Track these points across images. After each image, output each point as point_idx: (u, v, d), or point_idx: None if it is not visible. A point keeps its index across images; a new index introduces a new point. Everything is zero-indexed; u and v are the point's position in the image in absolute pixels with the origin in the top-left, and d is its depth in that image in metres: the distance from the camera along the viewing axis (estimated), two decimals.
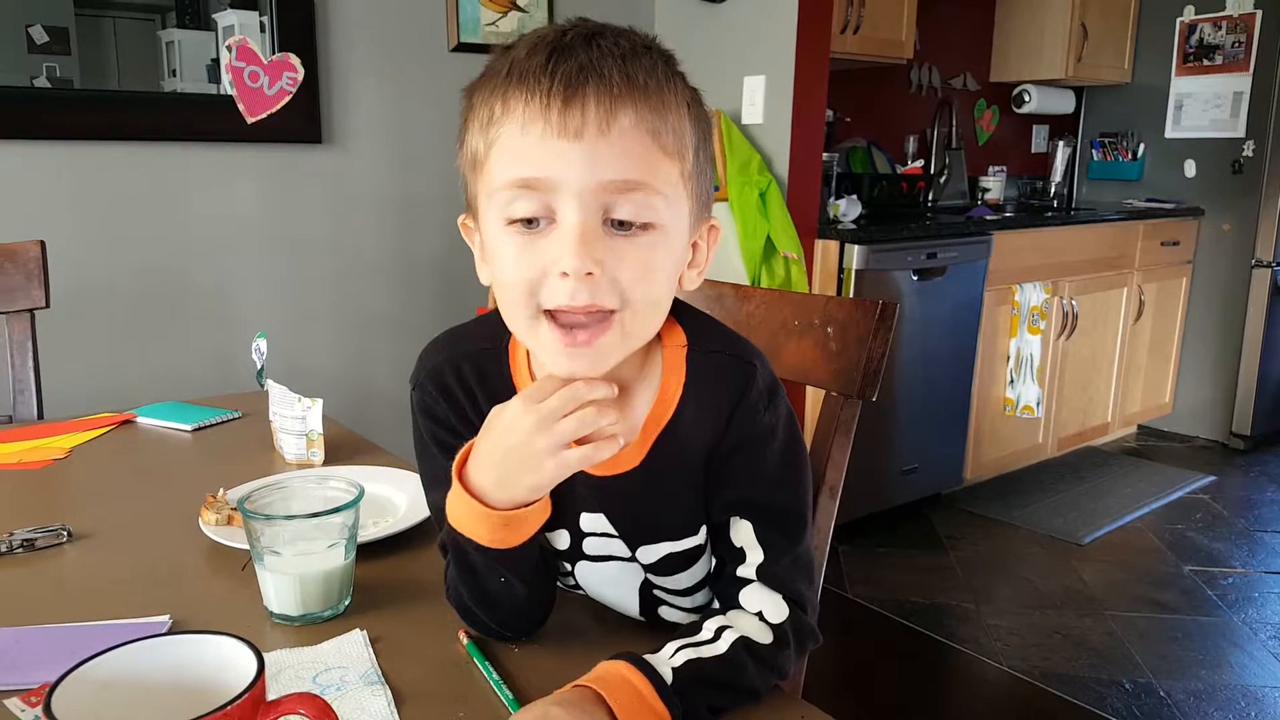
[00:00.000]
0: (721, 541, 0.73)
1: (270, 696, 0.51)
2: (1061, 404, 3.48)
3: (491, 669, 0.68)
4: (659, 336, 0.71)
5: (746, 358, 0.71)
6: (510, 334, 0.72)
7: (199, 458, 1.23)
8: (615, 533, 0.74)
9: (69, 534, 0.94)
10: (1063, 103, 4.05)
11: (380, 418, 2.55)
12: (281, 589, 0.76)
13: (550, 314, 0.63)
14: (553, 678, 0.65)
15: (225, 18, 2.24)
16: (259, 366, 1.30)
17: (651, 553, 0.74)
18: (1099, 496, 3.27)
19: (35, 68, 2.03)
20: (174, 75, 2.21)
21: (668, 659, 0.65)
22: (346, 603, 0.78)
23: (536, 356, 0.71)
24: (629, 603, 0.78)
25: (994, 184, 3.86)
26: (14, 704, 0.64)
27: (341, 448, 1.22)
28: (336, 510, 0.76)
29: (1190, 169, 3.90)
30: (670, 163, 0.63)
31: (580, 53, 0.61)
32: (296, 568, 0.75)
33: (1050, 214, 3.54)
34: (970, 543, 2.90)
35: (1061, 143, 4.10)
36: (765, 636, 0.68)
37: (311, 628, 0.76)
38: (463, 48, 2.54)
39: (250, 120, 2.25)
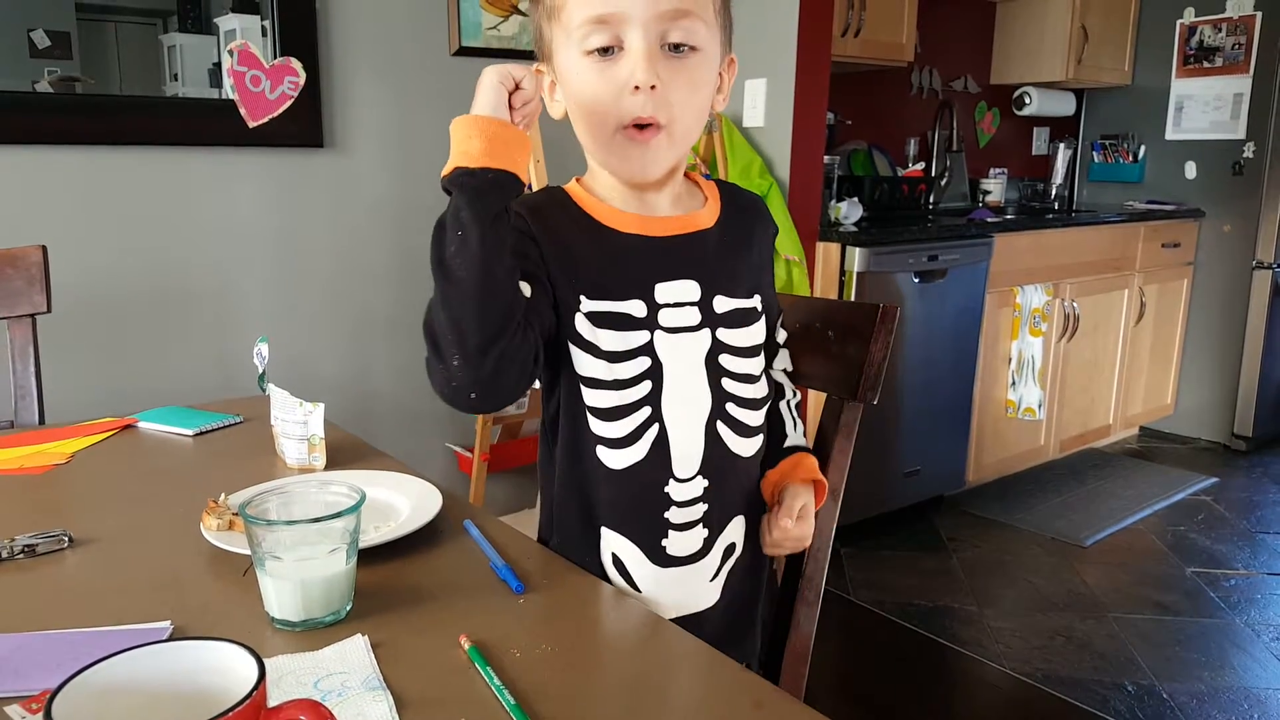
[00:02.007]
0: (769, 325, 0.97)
1: (271, 703, 0.51)
2: (1063, 406, 3.48)
3: (493, 675, 0.68)
4: (691, 176, 0.96)
5: (752, 194, 1.03)
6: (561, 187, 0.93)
7: (200, 463, 1.23)
8: (691, 299, 0.89)
9: (70, 540, 0.94)
10: (1063, 105, 4.05)
11: (382, 421, 2.55)
12: (283, 594, 0.75)
13: (624, 130, 0.83)
14: (556, 685, 0.65)
15: (227, 22, 2.24)
16: (260, 371, 1.30)
17: (723, 303, 0.91)
18: (1101, 498, 3.27)
19: (37, 72, 2.04)
20: (175, 79, 2.21)
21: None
22: (348, 608, 0.78)
23: (606, 164, 0.89)
24: (698, 370, 0.90)
25: (995, 186, 3.85)
26: (15, 710, 0.64)
27: (343, 452, 1.22)
28: (338, 515, 0.76)
29: (1191, 170, 3.90)
30: (711, 2, 0.84)
31: None
32: (298, 573, 0.75)
33: (1051, 216, 3.54)
34: (972, 545, 2.90)
35: (1062, 145, 4.10)
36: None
37: (313, 633, 0.75)
38: (464, 52, 2.55)
39: (252, 124, 2.25)
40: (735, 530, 0.94)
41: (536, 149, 2.21)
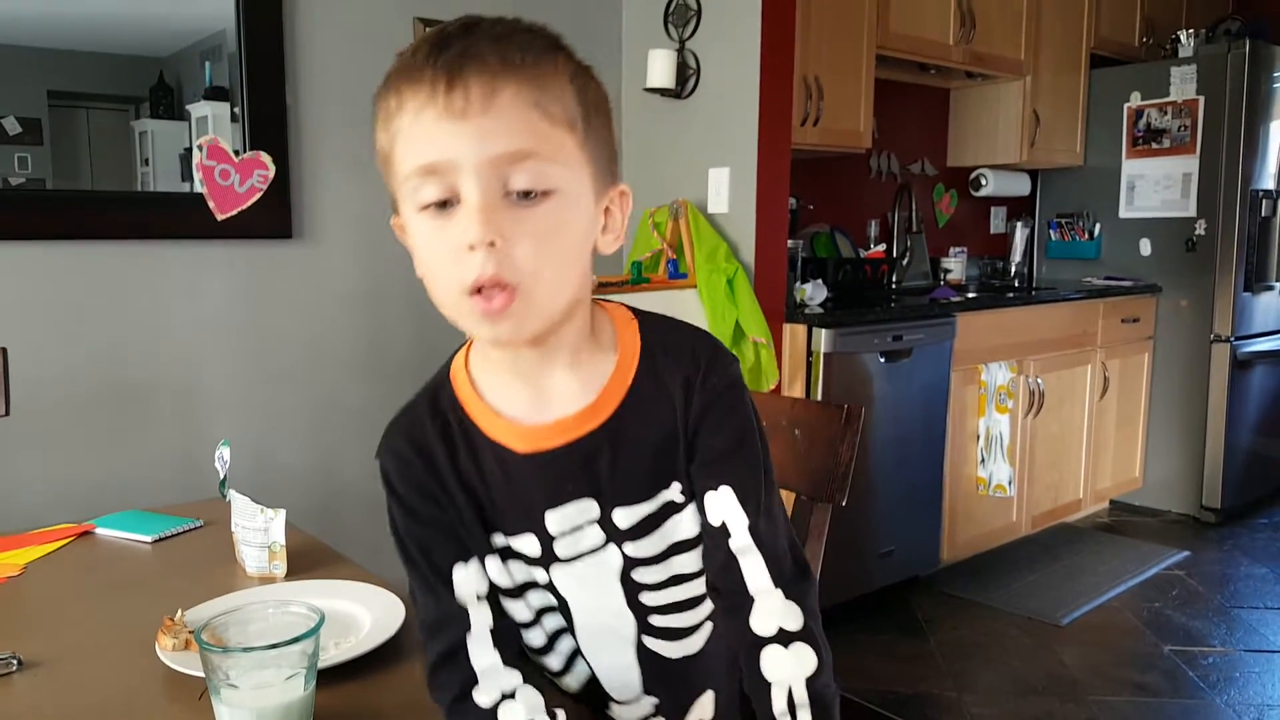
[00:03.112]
0: (704, 524, 0.77)
1: None
2: (1033, 482, 3.50)
3: None
4: (611, 317, 0.79)
5: (697, 330, 0.80)
6: (448, 368, 0.80)
7: (159, 572, 1.20)
8: (590, 518, 0.76)
9: (19, 663, 0.91)
10: (1018, 185, 4.16)
11: (349, 513, 2.51)
12: None
13: (472, 292, 0.68)
14: None
15: (199, 109, 2.26)
16: (222, 476, 1.28)
17: (625, 516, 0.76)
18: (1075, 575, 3.26)
19: (7, 159, 2.04)
20: (146, 165, 2.22)
21: None
22: None
23: (469, 333, 0.75)
24: (613, 594, 0.78)
25: (956, 265, 3.93)
26: None
27: (305, 558, 1.19)
28: (295, 640, 0.74)
29: (1146, 247, 4.00)
30: (560, 131, 0.68)
31: (459, 41, 0.66)
32: (254, 701, 0.73)
33: (1012, 294, 3.61)
34: (950, 627, 2.87)
35: (1020, 223, 4.20)
36: (795, 622, 0.75)
37: None
38: None
39: (220, 217, 2.26)
40: (704, 706, 0.85)
41: None
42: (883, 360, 2.86)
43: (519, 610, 0.80)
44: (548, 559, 0.77)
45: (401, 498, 0.77)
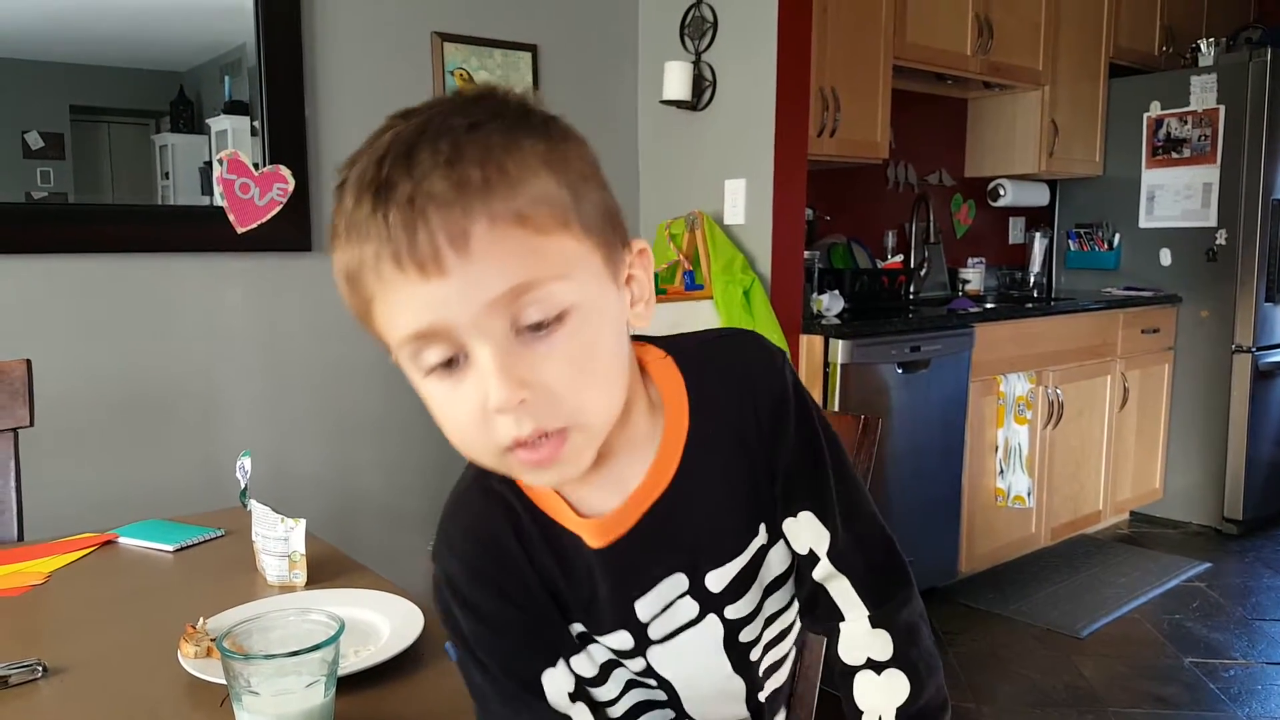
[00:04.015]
0: (793, 554, 0.72)
1: None
2: (1052, 493, 3.47)
3: None
4: (647, 367, 0.69)
5: (731, 340, 0.71)
6: None
7: (180, 581, 1.22)
8: (680, 592, 0.69)
9: (44, 669, 0.92)
10: (1037, 195, 4.15)
11: (368, 523, 2.52)
12: None
13: (510, 451, 0.59)
14: None
15: (218, 122, 2.29)
16: (243, 486, 1.29)
17: (718, 579, 0.69)
18: (1095, 587, 3.24)
19: (30, 173, 2.07)
20: (167, 179, 2.25)
21: None
22: None
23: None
24: (719, 663, 0.73)
25: (974, 275, 3.92)
26: None
27: (325, 567, 1.20)
28: (316, 648, 0.75)
29: (1166, 257, 3.98)
30: (554, 237, 0.57)
31: (402, 181, 0.54)
32: (275, 708, 0.73)
33: (1031, 305, 3.59)
34: (969, 638, 2.86)
35: (1038, 234, 4.18)
36: (883, 651, 0.70)
37: None
38: None
39: (240, 230, 2.28)
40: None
41: None
42: (900, 371, 2.86)
43: (607, 691, 0.73)
44: (642, 646, 0.70)
45: (473, 607, 0.67)
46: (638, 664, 0.72)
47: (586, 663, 0.71)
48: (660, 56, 2.84)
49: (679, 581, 0.69)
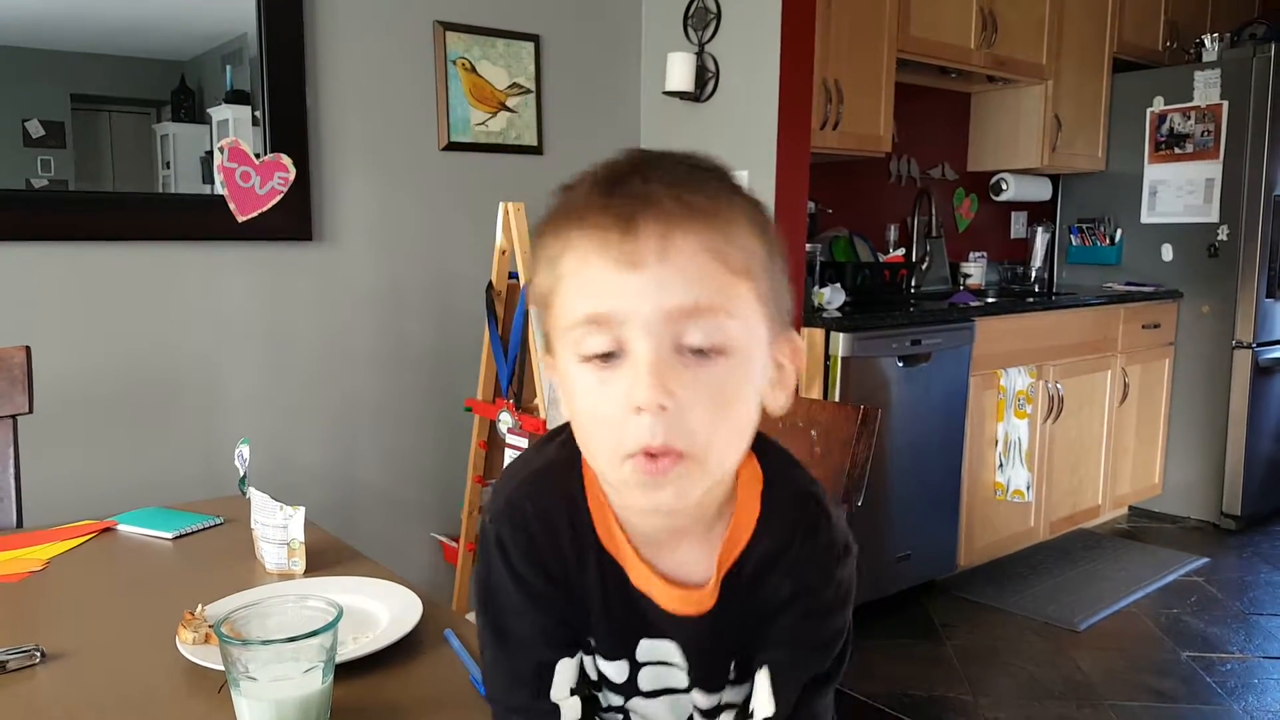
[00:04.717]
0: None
1: None
2: (1052, 487, 3.48)
3: None
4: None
5: (822, 505, 0.70)
6: (577, 456, 0.68)
7: (179, 568, 1.22)
8: (675, 662, 0.71)
9: (42, 655, 0.92)
10: (1039, 190, 4.14)
11: (366, 510, 2.53)
12: (257, 715, 0.74)
13: (633, 457, 0.61)
14: None
15: (219, 112, 2.28)
16: (241, 474, 1.29)
17: (707, 700, 0.72)
18: (1093, 580, 3.24)
19: (31, 161, 2.06)
20: (168, 168, 2.25)
21: None
22: None
23: (618, 492, 0.67)
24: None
25: (975, 269, 3.91)
26: None
27: (324, 555, 1.20)
28: (314, 634, 0.75)
29: (1167, 253, 3.97)
30: (740, 282, 0.61)
31: (634, 183, 0.60)
32: (273, 693, 0.73)
33: (1032, 299, 3.59)
34: (966, 631, 2.86)
35: (1040, 228, 4.17)
36: None
37: None
38: (453, 147, 2.60)
39: (241, 219, 2.28)
40: None
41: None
42: (901, 365, 2.86)
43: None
44: (630, 690, 0.73)
45: (519, 576, 0.69)
46: (615, 699, 0.74)
47: (591, 668, 0.73)
48: (663, 47, 2.83)
49: (674, 650, 0.71)
